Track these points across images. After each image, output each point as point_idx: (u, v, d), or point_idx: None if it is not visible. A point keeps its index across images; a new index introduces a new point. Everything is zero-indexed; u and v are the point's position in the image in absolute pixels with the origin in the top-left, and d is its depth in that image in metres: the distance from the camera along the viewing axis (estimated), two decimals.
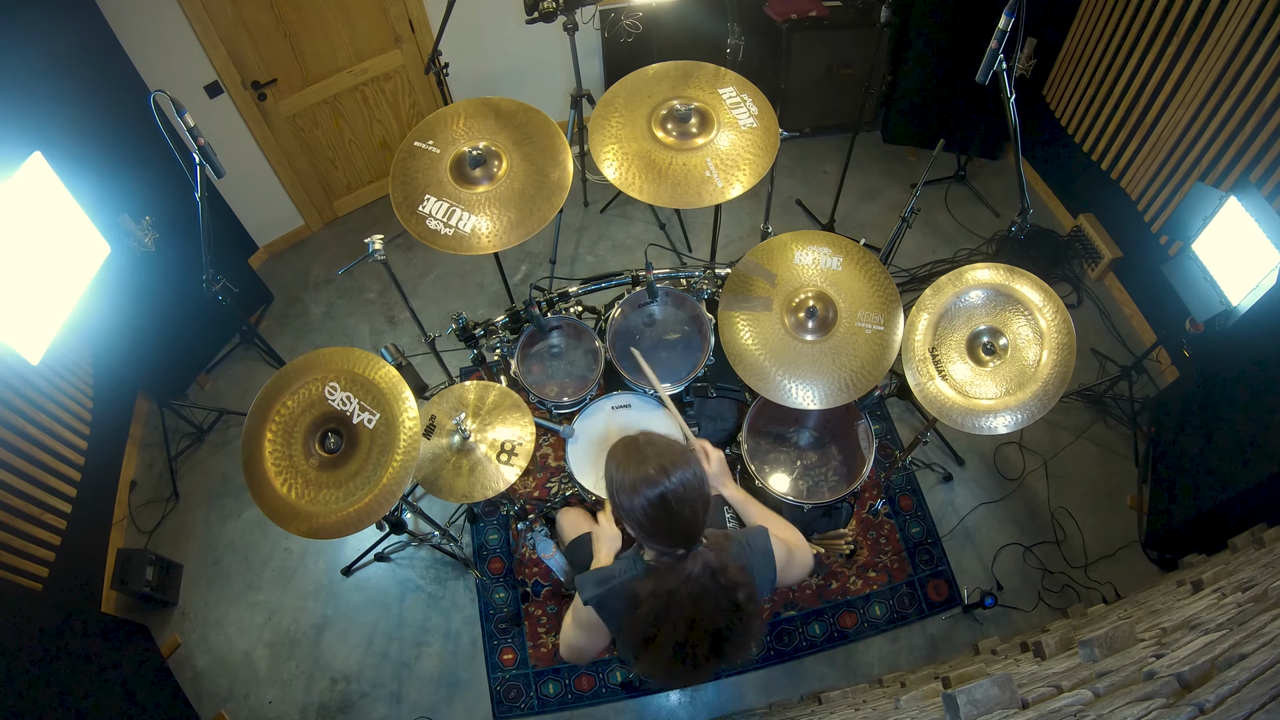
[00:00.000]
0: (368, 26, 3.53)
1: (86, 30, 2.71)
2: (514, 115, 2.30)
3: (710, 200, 2.15)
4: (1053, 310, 2.10)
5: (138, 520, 3.15)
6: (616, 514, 1.42)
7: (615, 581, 1.45)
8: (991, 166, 4.16)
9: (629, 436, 1.43)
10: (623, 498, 1.37)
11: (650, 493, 1.33)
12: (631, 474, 1.35)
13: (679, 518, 1.34)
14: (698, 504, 1.36)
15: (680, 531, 1.36)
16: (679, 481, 1.33)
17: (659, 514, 1.34)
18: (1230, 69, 2.66)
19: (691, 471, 1.36)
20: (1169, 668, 1.24)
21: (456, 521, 3.09)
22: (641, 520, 1.36)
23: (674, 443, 1.41)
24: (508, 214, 2.15)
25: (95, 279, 2.54)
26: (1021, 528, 3.00)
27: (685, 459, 1.37)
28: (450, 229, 2.14)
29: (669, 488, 1.32)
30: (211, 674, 2.81)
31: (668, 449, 1.37)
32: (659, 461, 1.34)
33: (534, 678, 2.75)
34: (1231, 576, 1.92)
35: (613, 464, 1.40)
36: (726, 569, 1.36)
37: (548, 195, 2.18)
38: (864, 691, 2.42)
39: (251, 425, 1.97)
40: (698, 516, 1.36)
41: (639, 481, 1.34)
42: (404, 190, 2.20)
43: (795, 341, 2.15)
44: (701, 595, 1.36)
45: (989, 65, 1.93)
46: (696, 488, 1.35)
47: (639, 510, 1.35)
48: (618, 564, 1.52)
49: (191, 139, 2.11)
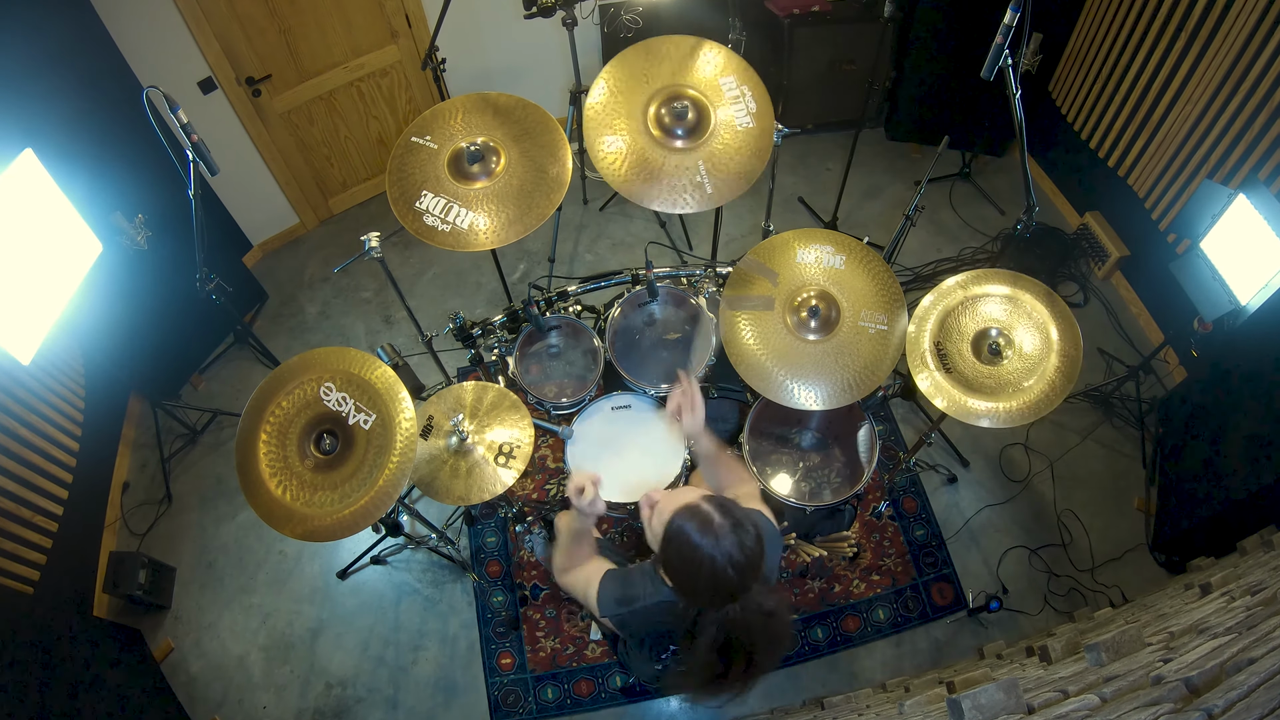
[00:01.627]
0: (364, 21, 3.53)
1: (78, 25, 2.70)
2: (512, 111, 2.30)
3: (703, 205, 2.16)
4: (1059, 311, 2.10)
5: (130, 522, 3.15)
6: (681, 575, 1.35)
7: (639, 605, 1.43)
8: (996, 163, 4.16)
9: (698, 505, 1.34)
10: (691, 567, 1.30)
11: (719, 560, 1.27)
12: (707, 546, 1.28)
13: (737, 589, 1.30)
14: (754, 576, 1.30)
15: (732, 598, 1.32)
16: (738, 548, 1.28)
17: (721, 587, 1.29)
18: (1239, 64, 2.66)
19: (755, 548, 1.30)
20: (1177, 672, 1.24)
21: (454, 524, 3.09)
22: (703, 593, 1.32)
23: (731, 505, 1.35)
24: (506, 210, 2.16)
25: (87, 278, 2.54)
26: (1027, 530, 3.00)
27: (751, 522, 1.31)
28: (448, 225, 2.14)
29: (736, 565, 1.27)
30: (205, 679, 2.81)
31: (738, 523, 1.31)
32: (731, 532, 1.28)
33: (533, 682, 2.75)
34: (1240, 580, 1.92)
35: (689, 529, 1.32)
36: (776, 612, 1.32)
37: (546, 192, 2.18)
38: (867, 697, 2.42)
39: (246, 426, 1.97)
40: (750, 585, 1.31)
41: (713, 552, 1.27)
42: (401, 186, 2.20)
43: (798, 341, 2.15)
44: (750, 630, 1.33)
45: (994, 61, 1.93)
46: (757, 562, 1.30)
47: (703, 585, 1.30)
48: (639, 582, 1.48)
49: (185, 136, 2.10)
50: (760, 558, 1.32)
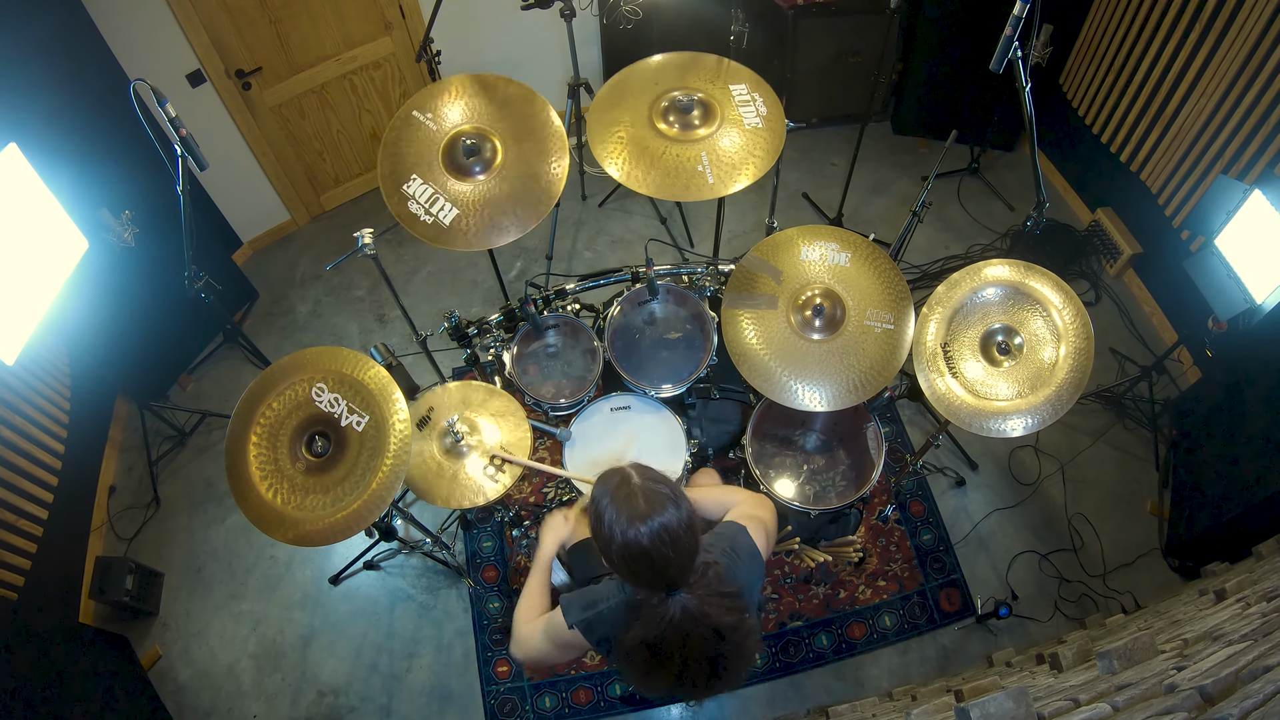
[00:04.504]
0: (356, 12, 3.53)
1: (63, 16, 2.70)
2: (514, 103, 2.32)
3: (702, 195, 2.17)
4: (1071, 310, 2.10)
5: (117, 527, 3.15)
6: (599, 544, 1.39)
7: (603, 606, 1.45)
8: (1006, 159, 4.17)
9: (622, 469, 1.40)
10: (603, 534, 1.35)
11: (630, 535, 1.30)
12: (615, 513, 1.32)
13: (658, 566, 1.32)
14: (680, 554, 1.33)
15: (659, 580, 1.35)
16: (660, 527, 1.30)
17: (637, 562, 1.32)
18: (1255, 55, 2.66)
19: (678, 518, 1.32)
20: (1191, 681, 1.24)
21: (449, 528, 3.09)
22: (618, 562, 1.35)
23: (665, 484, 1.38)
24: (490, 213, 2.17)
25: (73, 276, 2.54)
26: (1037, 535, 3.00)
27: (674, 504, 1.34)
28: (430, 217, 2.15)
29: (649, 535, 1.30)
30: (194, 687, 2.81)
31: (655, 492, 1.34)
32: (644, 509, 1.31)
33: (530, 691, 2.75)
34: (1256, 585, 1.92)
35: (603, 495, 1.37)
36: (709, 615, 1.34)
37: (534, 203, 2.20)
38: (873, 705, 2.42)
39: (235, 428, 1.97)
40: (678, 567, 1.34)
41: (622, 523, 1.31)
42: (393, 163, 2.22)
43: (802, 341, 2.15)
44: (687, 637, 1.35)
45: (1004, 53, 1.93)
46: (681, 536, 1.32)
47: (616, 553, 1.33)
48: (605, 586, 1.51)
49: (173, 130, 2.11)
50: (684, 533, 1.32)
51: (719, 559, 1.44)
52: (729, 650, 1.38)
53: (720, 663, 1.40)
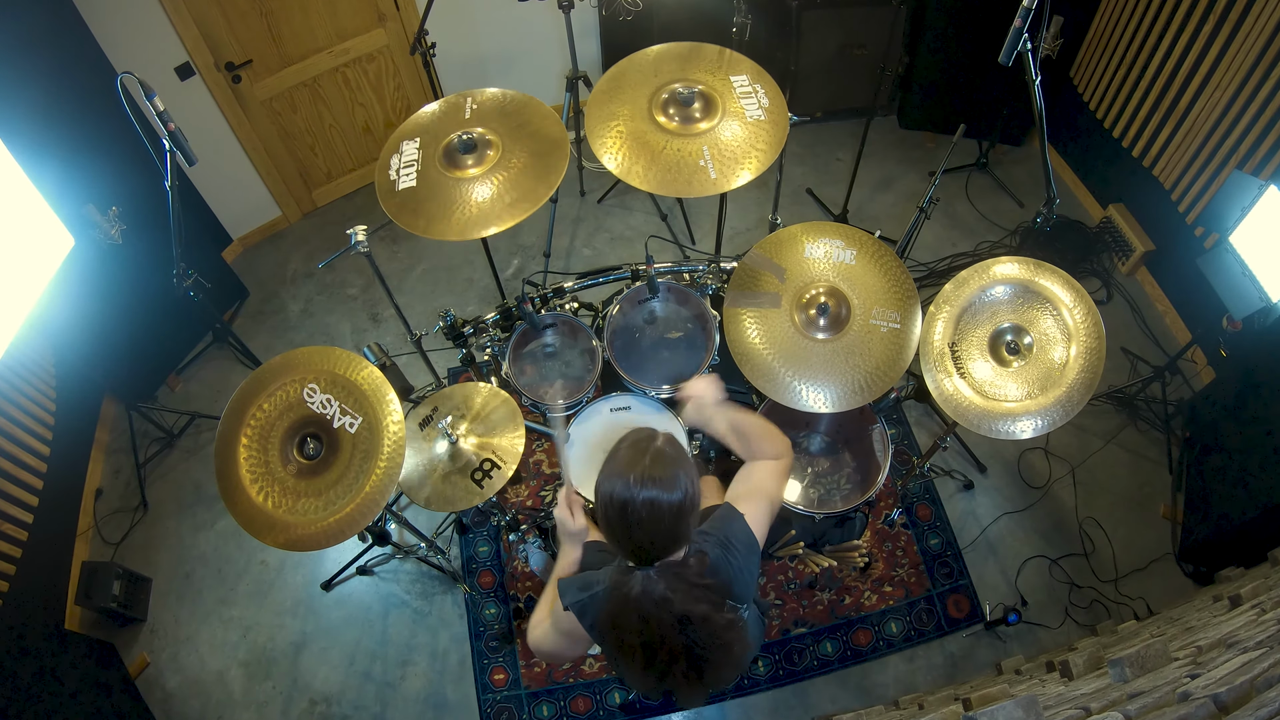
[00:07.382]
0: (349, 4, 3.53)
1: (49, 8, 2.70)
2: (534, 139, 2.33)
3: (704, 190, 2.17)
4: (1082, 309, 2.10)
5: (104, 531, 3.15)
6: (599, 479, 1.41)
7: (597, 589, 1.45)
8: (1015, 153, 4.17)
9: (651, 432, 1.41)
10: (604, 470, 1.38)
11: (616, 491, 1.32)
12: (614, 465, 1.36)
13: (631, 526, 1.33)
14: (659, 533, 1.34)
15: (630, 547, 1.37)
16: (648, 499, 1.30)
17: (615, 518, 1.34)
18: (1271, 48, 2.66)
19: (670, 499, 1.32)
20: (1205, 688, 1.24)
21: (444, 533, 3.09)
22: (600, 505, 1.37)
23: (683, 465, 1.37)
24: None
25: (58, 273, 2.53)
26: (1047, 539, 3.00)
27: (677, 485, 1.33)
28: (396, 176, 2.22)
29: (636, 499, 1.31)
30: (183, 695, 2.81)
31: (664, 463, 1.34)
32: (648, 471, 1.32)
33: (527, 699, 2.75)
34: (1271, 591, 1.92)
35: (625, 440, 1.41)
36: (671, 600, 1.35)
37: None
38: (879, 714, 2.42)
39: (225, 430, 1.97)
40: (651, 542, 1.35)
41: (615, 477, 1.34)
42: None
43: (806, 340, 2.16)
44: (647, 619, 1.36)
45: (1013, 45, 1.93)
46: (665, 516, 1.32)
47: (601, 495, 1.36)
48: (603, 571, 1.51)
49: (161, 124, 2.11)
50: (669, 516, 1.33)
51: (709, 550, 1.44)
52: (703, 640, 1.38)
53: (697, 653, 1.40)
